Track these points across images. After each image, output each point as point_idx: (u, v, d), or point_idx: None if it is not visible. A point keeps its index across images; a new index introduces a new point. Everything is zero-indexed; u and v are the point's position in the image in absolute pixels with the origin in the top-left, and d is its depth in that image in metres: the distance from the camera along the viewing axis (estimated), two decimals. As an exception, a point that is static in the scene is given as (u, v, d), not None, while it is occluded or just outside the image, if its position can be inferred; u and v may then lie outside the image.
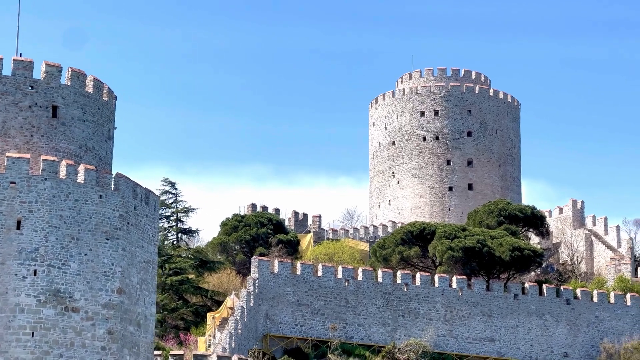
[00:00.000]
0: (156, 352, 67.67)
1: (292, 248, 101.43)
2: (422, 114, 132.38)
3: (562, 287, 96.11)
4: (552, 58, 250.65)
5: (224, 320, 79.49)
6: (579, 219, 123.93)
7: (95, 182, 52.75)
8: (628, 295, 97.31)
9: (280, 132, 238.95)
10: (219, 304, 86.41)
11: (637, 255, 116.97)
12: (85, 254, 51.69)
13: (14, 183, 51.24)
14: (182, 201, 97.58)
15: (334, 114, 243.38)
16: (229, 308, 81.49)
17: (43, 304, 50.32)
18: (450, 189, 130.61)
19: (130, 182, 54.38)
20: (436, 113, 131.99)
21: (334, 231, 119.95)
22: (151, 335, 56.08)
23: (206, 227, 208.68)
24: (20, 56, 55.92)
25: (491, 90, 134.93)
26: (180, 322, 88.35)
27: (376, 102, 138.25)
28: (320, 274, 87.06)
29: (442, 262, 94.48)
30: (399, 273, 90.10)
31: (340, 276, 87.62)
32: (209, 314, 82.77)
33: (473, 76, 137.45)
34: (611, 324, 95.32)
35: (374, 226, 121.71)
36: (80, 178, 52.32)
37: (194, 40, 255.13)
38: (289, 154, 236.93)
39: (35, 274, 50.34)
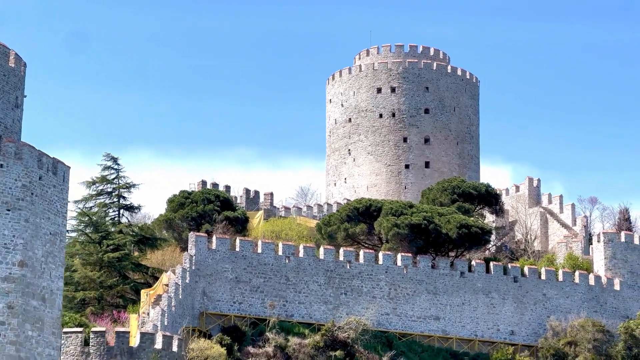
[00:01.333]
0: (78, 329, 66.05)
1: (240, 225, 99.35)
2: (379, 90, 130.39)
3: (509, 265, 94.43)
4: (513, 36, 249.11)
5: (159, 298, 77.59)
6: (535, 197, 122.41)
7: (-5, 151, 50.70)
8: (577, 273, 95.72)
9: (264, 115, 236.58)
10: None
11: (592, 233, 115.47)
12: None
13: None
14: (124, 177, 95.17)
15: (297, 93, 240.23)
16: (164, 285, 79.52)
17: (-63, 276, 48.39)
18: (407, 166, 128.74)
19: (36, 152, 52.36)
20: (393, 90, 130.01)
21: (287, 209, 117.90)
22: (58, 310, 54.15)
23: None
24: None
25: (449, 67, 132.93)
26: (119, 300, 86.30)
27: (333, 78, 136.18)
28: (260, 250, 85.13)
29: (388, 240, 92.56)
30: (341, 250, 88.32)
31: (280, 253, 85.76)
32: (143, 291, 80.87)
33: (431, 53, 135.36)
34: (559, 302, 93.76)
35: (328, 204, 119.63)
36: (-21, 146, 50.29)
37: (170, 23, 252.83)
38: (274, 136, 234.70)
39: None
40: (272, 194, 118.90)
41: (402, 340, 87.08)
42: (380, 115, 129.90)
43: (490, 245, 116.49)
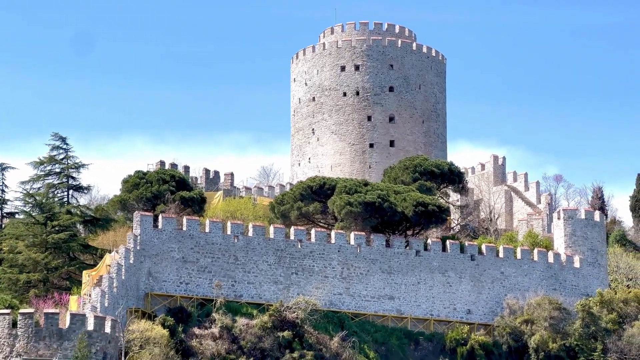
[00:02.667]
0: (5, 311, 64.47)
1: (197, 206, 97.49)
2: (343, 68, 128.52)
3: (466, 243, 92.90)
4: (485, 15, 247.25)
5: (101, 279, 76.01)
6: (500, 175, 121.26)
7: None
8: (535, 251, 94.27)
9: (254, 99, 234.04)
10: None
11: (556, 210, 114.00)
12: None
13: None
14: (73, 157, 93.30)
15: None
16: (107, 265, 78.01)
17: None
18: (371, 145, 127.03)
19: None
20: (357, 68, 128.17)
21: (247, 189, 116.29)
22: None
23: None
24: None
25: (414, 45, 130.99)
26: (66, 282, 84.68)
27: (297, 57, 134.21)
28: (207, 230, 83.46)
29: (344, 219, 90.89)
30: (292, 229, 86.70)
31: (229, 232, 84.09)
32: (84, 272, 79.48)
33: (397, 30, 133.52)
34: (517, 280, 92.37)
35: (290, 184, 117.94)
36: None
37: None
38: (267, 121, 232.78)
39: None
40: (232, 174, 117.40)
41: (355, 320, 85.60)
42: (344, 94, 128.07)
43: (454, 225, 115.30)
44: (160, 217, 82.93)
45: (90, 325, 64.11)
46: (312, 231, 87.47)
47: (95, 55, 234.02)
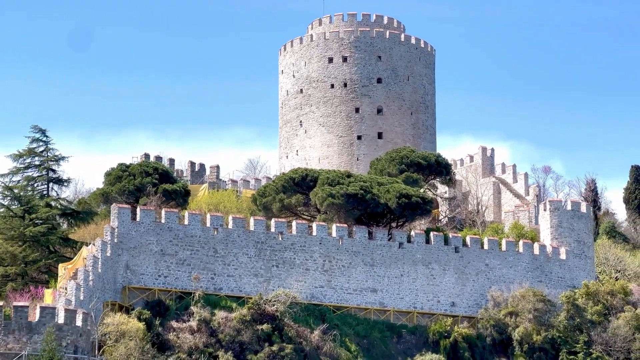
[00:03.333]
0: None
1: (181, 198, 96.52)
2: (330, 60, 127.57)
3: (450, 235, 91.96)
4: (478, 7, 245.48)
5: (78, 272, 75.21)
6: (488, 167, 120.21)
7: None
8: (520, 243, 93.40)
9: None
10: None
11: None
12: None
13: None
14: (53, 149, 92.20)
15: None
16: (84, 258, 77.13)
17: None
18: (359, 137, 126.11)
19: None
20: (345, 59, 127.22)
21: (234, 182, 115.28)
22: None
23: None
24: None
25: (402, 36, 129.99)
26: (45, 276, 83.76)
27: (285, 49, 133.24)
28: (186, 222, 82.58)
29: (326, 211, 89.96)
30: (272, 221, 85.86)
31: (208, 224, 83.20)
32: (60, 265, 78.64)
33: (385, 21, 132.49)
34: (502, 272, 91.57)
35: (277, 177, 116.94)
36: None
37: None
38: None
39: None
40: (218, 167, 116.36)
41: (337, 313, 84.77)
42: (332, 86, 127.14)
43: (442, 217, 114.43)
44: (138, 209, 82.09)
45: (60, 319, 63.20)
46: (293, 223, 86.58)
47: (95, 50, 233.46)
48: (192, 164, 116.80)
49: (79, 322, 64.37)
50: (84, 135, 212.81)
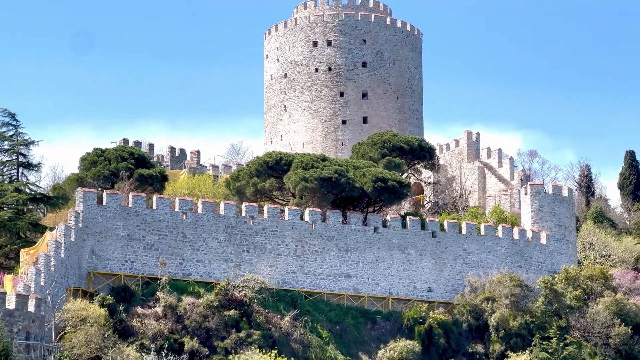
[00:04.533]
0: None
1: (158, 184, 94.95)
2: (315, 44, 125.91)
3: (427, 220, 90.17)
4: None
5: (39, 257, 73.58)
6: (474, 151, 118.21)
7: None
8: (500, 227, 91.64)
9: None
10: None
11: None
12: None
13: None
14: (23, 133, 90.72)
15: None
16: (48, 244, 75.51)
17: None
18: (344, 122, 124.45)
19: None
20: (329, 43, 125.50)
21: (215, 167, 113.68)
22: None
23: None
24: None
25: (388, 19, 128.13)
26: (12, 262, 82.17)
27: (269, 33, 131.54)
28: (154, 206, 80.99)
29: (300, 195, 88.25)
30: (243, 205, 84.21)
31: (177, 209, 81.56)
32: (22, 250, 77.10)
33: (371, 4, 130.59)
34: (480, 257, 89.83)
35: (251, 160, 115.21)
36: None
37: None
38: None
39: None
40: (199, 152, 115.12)
41: (309, 299, 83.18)
42: (316, 70, 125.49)
43: (426, 202, 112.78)
44: (104, 193, 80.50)
45: (11, 304, 61.77)
46: (265, 207, 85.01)
47: (101, 45, 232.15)
48: (172, 149, 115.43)
49: (31, 308, 62.89)
50: (96, 126, 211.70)
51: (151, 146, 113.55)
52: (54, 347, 65.58)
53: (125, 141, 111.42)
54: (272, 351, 74.45)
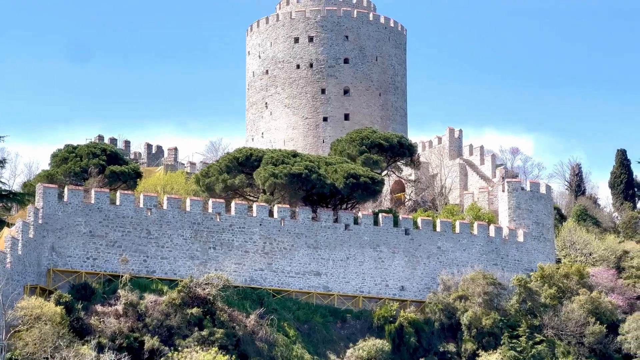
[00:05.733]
0: None
1: (131, 180, 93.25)
2: (296, 40, 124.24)
3: (400, 217, 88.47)
4: None
5: (-2, 254, 71.93)
6: (456, 148, 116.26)
7: None
8: (475, 225, 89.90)
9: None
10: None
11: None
12: None
13: None
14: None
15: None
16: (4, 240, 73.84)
17: None
18: (325, 119, 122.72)
19: None
20: (311, 39, 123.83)
21: (192, 164, 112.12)
22: None
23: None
24: None
25: (371, 15, 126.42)
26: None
27: (251, 29, 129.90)
28: (118, 202, 79.31)
29: (270, 191, 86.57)
30: (210, 201, 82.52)
31: (141, 205, 79.90)
32: (-21, 247, 75.15)
33: (354, 1, 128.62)
34: (455, 255, 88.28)
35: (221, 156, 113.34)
36: None
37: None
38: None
39: None
40: (176, 149, 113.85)
41: (276, 297, 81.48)
42: (298, 66, 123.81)
43: (407, 200, 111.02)
44: (65, 189, 78.83)
45: (-46, 299, 60.16)
46: (232, 204, 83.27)
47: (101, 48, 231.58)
48: (149, 145, 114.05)
49: (-24, 304, 61.29)
50: (105, 128, 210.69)
51: (127, 143, 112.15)
52: (3, 345, 63.96)
53: (101, 138, 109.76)
54: (213, 348, 72.47)
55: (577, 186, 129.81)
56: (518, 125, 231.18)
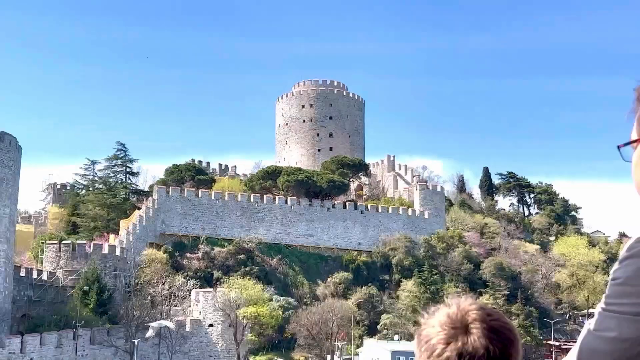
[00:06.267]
0: (54, 241, 59.38)
1: (210, 184, 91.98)
2: (303, 106, 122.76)
3: (358, 203, 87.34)
4: (395, 60, 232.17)
5: (130, 225, 70.99)
6: (391, 166, 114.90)
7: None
8: (400, 208, 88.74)
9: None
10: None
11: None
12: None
13: None
14: (129, 154, 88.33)
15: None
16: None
17: None
18: (319, 150, 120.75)
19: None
20: (311, 106, 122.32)
21: (245, 175, 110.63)
22: (4, 225, 47.23)
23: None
24: None
25: (344, 91, 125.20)
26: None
27: (278, 100, 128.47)
28: (200, 196, 78.39)
29: (287, 190, 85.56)
30: (252, 195, 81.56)
31: (213, 197, 78.92)
32: (121, 221, 74.23)
33: (335, 84, 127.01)
34: (389, 225, 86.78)
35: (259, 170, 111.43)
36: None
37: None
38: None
39: None
40: (235, 167, 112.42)
41: (289, 248, 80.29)
42: (304, 121, 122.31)
43: (364, 195, 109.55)
44: (170, 189, 77.97)
45: (105, 250, 59.31)
46: (264, 197, 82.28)
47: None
48: (220, 165, 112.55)
49: (117, 252, 60.45)
50: (196, 154, 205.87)
51: (207, 163, 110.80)
52: (130, 275, 63.07)
53: (193, 160, 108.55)
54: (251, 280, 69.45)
55: (461, 187, 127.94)
56: (432, 154, 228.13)
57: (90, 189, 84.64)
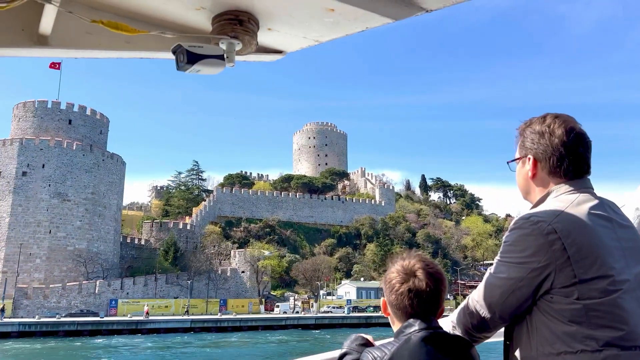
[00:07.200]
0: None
1: (250, 186, 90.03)
2: (309, 138, 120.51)
3: (340, 195, 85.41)
4: (374, 105, 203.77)
5: (198, 210, 69.13)
6: (363, 174, 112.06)
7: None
8: (367, 199, 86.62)
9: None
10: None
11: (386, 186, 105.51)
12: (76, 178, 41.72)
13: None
14: (200, 169, 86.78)
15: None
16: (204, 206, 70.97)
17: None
18: (319, 164, 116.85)
19: (107, 152, 44.37)
20: (314, 138, 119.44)
21: (273, 180, 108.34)
22: (113, 212, 46.08)
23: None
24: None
25: (335, 129, 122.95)
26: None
27: (295, 134, 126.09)
28: (241, 192, 76.83)
29: (297, 189, 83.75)
30: (274, 192, 79.79)
31: (250, 193, 77.31)
32: (194, 208, 72.47)
33: (329, 124, 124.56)
34: (359, 209, 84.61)
35: (280, 176, 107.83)
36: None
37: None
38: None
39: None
40: (267, 175, 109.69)
41: (297, 224, 78.61)
42: (309, 147, 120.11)
43: (347, 191, 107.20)
44: (223, 188, 76.52)
45: (180, 225, 57.83)
46: (282, 193, 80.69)
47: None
48: (258, 174, 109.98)
49: (188, 227, 59.03)
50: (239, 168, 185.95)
51: (250, 173, 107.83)
52: (197, 241, 61.71)
53: (241, 171, 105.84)
54: (270, 245, 66.31)
55: (407, 187, 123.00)
56: (392, 167, 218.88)
57: (177, 189, 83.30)
